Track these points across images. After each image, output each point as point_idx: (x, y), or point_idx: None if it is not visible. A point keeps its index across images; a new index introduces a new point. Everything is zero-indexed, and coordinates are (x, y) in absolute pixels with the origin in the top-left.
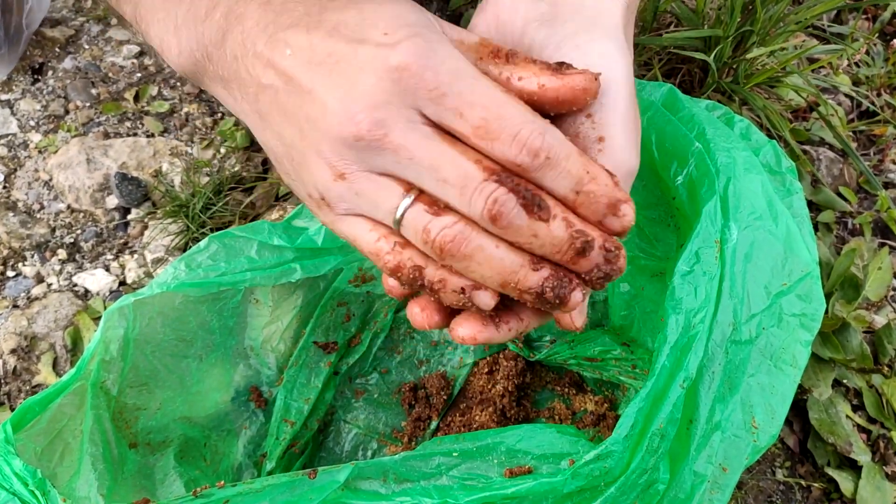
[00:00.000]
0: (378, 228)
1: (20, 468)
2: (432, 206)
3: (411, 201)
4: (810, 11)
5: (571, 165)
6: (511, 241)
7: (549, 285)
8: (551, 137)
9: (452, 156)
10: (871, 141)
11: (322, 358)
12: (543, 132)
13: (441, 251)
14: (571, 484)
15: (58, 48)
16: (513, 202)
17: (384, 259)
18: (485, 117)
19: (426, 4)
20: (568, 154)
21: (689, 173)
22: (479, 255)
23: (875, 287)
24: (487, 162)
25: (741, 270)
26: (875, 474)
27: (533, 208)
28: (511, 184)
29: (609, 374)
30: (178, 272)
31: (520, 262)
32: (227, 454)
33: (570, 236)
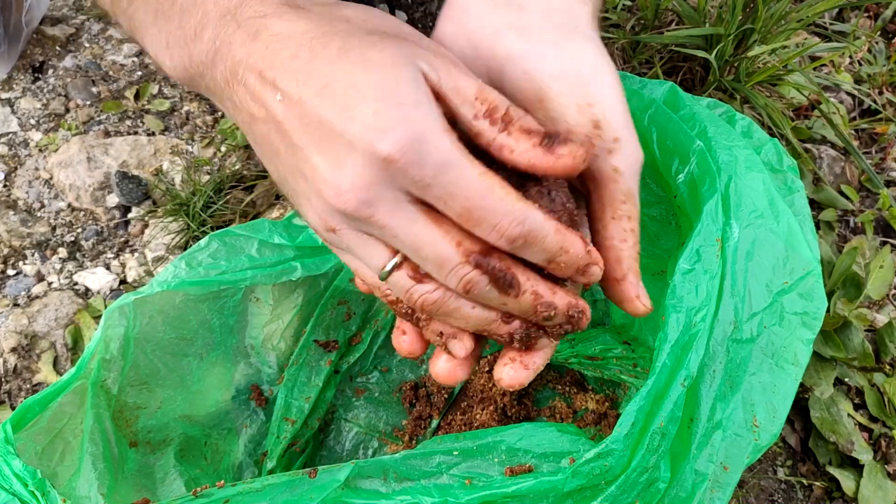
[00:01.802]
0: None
1: (20, 468)
2: (415, 271)
3: (394, 265)
4: (812, 9)
5: (548, 244)
6: (483, 304)
7: (518, 335)
8: (530, 224)
9: (433, 238)
10: (873, 139)
11: (323, 356)
12: (522, 221)
13: (422, 309)
14: (572, 482)
15: (58, 46)
16: (485, 282)
17: (384, 292)
18: (467, 207)
19: (427, 3)
20: (545, 235)
21: (691, 171)
22: (456, 313)
23: (877, 285)
24: (468, 244)
25: (742, 269)
26: (877, 473)
27: (504, 287)
28: (485, 266)
29: (610, 372)
30: (179, 271)
31: (492, 317)
32: (227, 453)
33: (535, 308)
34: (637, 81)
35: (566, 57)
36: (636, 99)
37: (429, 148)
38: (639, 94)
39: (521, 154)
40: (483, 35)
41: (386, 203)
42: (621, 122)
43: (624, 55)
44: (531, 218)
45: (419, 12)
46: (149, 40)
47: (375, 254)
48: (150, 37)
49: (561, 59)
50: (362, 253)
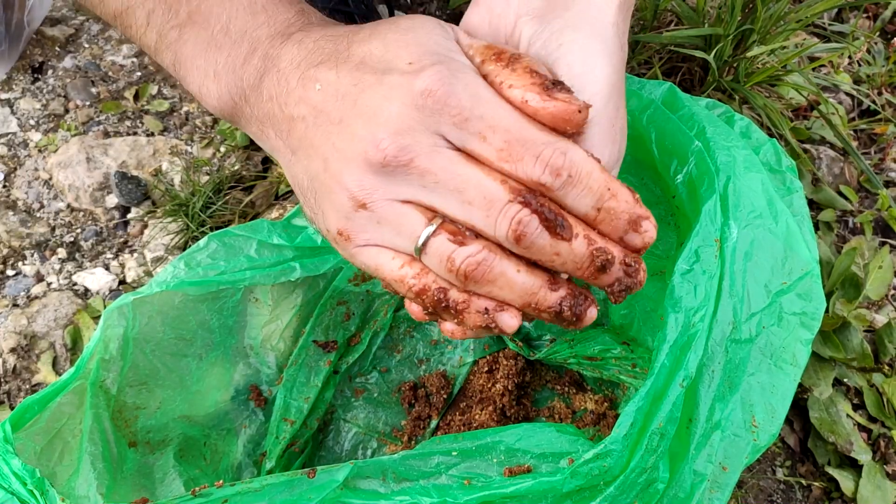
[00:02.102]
0: (400, 256)
1: (19, 467)
2: (456, 234)
3: (435, 229)
4: (811, 10)
5: (593, 182)
6: (533, 259)
7: (567, 304)
8: (573, 155)
9: (478, 178)
10: (872, 139)
11: (322, 357)
12: (565, 151)
13: (465, 278)
14: (571, 483)
15: (58, 47)
16: (536, 223)
17: (409, 283)
18: (508, 140)
19: (426, 4)
20: (590, 171)
21: (689, 172)
22: (500, 280)
23: (876, 286)
24: (512, 182)
25: (741, 269)
26: (876, 473)
27: (556, 228)
28: (535, 204)
29: (609, 373)
30: (178, 271)
31: (539, 283)
32: (226, 453)
33: (590, 254)
34: (636, 82)
35: (564, 47)
36: (635, 99)
37: (465, 82)
38: (637, 95)
39: (518, 90)
40: (505, 21)
41: (424, 147)
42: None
43: None
44: (573, 150)
45: (418, 13)
46: (194, 72)
47: (411, 221)
48: (196, 68)
49: (559, 49)
50: (396, 224)
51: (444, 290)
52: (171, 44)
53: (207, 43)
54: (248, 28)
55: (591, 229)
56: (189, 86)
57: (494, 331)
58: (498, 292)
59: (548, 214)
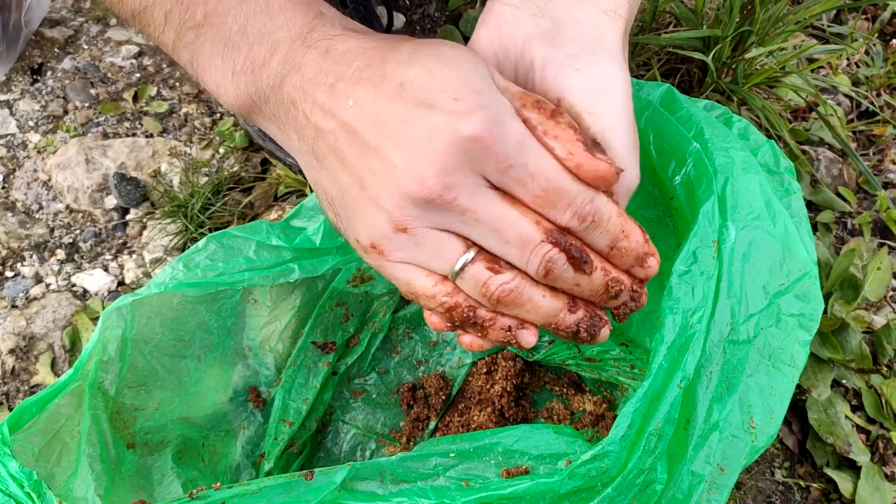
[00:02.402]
0: (433, 276)
1: (16, 470)
2: (491, 262)
3: (472, 257)
4: (809, 11)
5: (611, 227)
6: (556, 286)
7: (584, 325)
8: (598, 203)
9: (515, 218)
10: (871, 141)
11: (320, 358)
12: (592, 199)
13: (497, 301)
14: (568, 484)
15: (57, 48)
16: (563, 260)
17: (440, 300)
18: (545, 188)
19: (425, 4)
20: (609, 216)
21: (687, 173)
22: (528, 304)
23: (874, 287)
24: (545, 224)
25: (739, 270)
26: (874, 475)
27: (580, 264)
28: (564, 244)
29: (607, 374)
30: (177, 272)
31: (560, 306)
32: (225, 454)
33: (605, 284)
34: (634, 83)
35: (583, 71)
36: (633, 100)
37: (509, 129)
38: (636, 96)
39: (564, 143)
40: (515, 41)
41: (467, 187)
42: (620, 143)
43: None
44: (599, 198)
45: (417, 14)
46: (212, 72)
47: (449, 248)
48: (214, 68)
49: (578, 72)
50: (434, 249)
51: (474, 308)
52: (189, 44)
53: (224, 44)
54: (266, 30)
55: (606, 261)
56: (207, 84)
57: (513, 345)
58: (525, 315)
59: (574, 253)
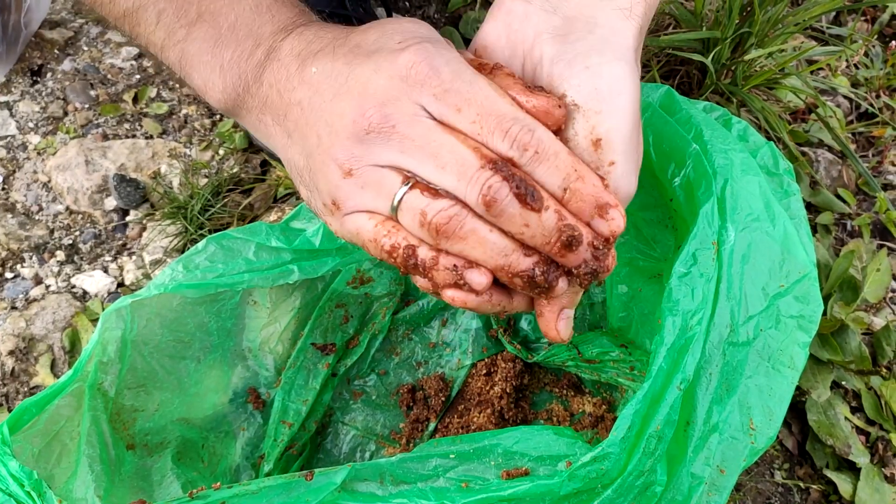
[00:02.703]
0: (376, 217)
1: (16, 469)
2: (429, 190)
3: (409, 187)
4: (809, 13)
5: (560, 162)
6: (504, 229)
7: (540, 269)
8: (540, 133)
9: (452, 144)
10: (870, 143)
11: (320, 359)
12: (532, 129)
13: (437, 232)
14: (568, 486)
15: (57, 50)
16: (506, 190)
17: (381, 243)
18: (480, 113)
19: (425, 5)
20: (556, 151)
21: (687, 175)
22: (472, 237)
23: (874, 289)
24: (485, 150)
25: (738, 272)
26: (874, 476)
27: (526, 198)
28: (505, 172)
29: (607, 375)
30: (176, 273)
31: (512, 246)
32: (224, 456)
33: (559, 228)
34: None
35: (592, 69)
36: None
37: (446, 58)
38: None
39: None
40: (524, 36)
41: (406, 116)
42: (621, 149)
43: None
44: (541, 130)
45: (417, 15)
46: (200, 69)
47: (389, 182)
48: (202, 65)
49: (586, 70)
50: (377, 186)
51: (413, 248)
52: (179, 42)
53: (216, 40)
54: (253, 25)
55: (562, 206)
56: (193, 81)
57: (464, 288)
58: (470, 251)
59: (518, 183)
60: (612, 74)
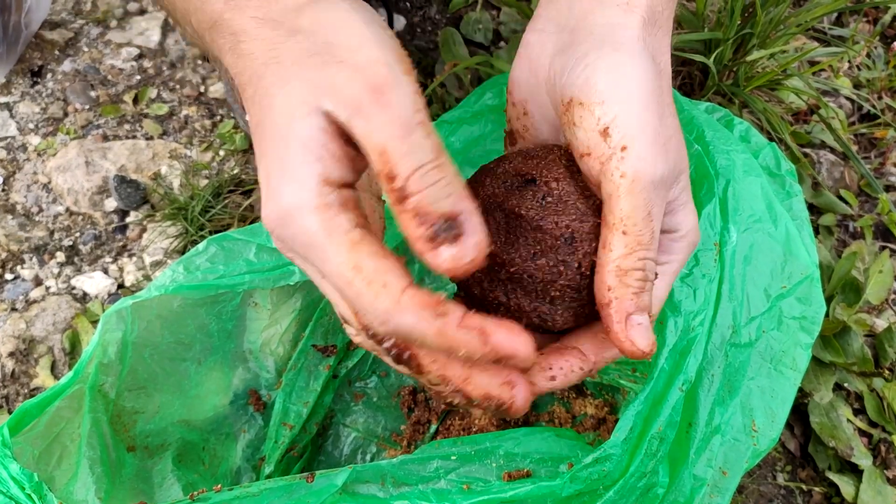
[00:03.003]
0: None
1: (17, 472)
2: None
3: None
4: (811, 14)
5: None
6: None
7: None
8: (397, 324)
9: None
10: (872, 144)
11: (321, 361)
12: (386, 321)
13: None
14: (570, 487)
15: (57, 51)
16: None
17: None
18: (339, 291)
19: (425, 6)
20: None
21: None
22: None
23: (876, 290)
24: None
25: (740, 273)
26: (876, 478)
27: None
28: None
29: (609, 377)
30: (177, 275)
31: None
32: (225, 458)
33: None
34: None
35: (592, 65)
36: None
37: (296, 228)
38: None
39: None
40: (540, 63)
41: (290, 253)
42: (633, 132)
43: None
44: (397, 319)
45: (418, 17)
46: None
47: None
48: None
49: (587, 68)
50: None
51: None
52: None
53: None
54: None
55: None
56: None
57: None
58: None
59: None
60: (608, 65)
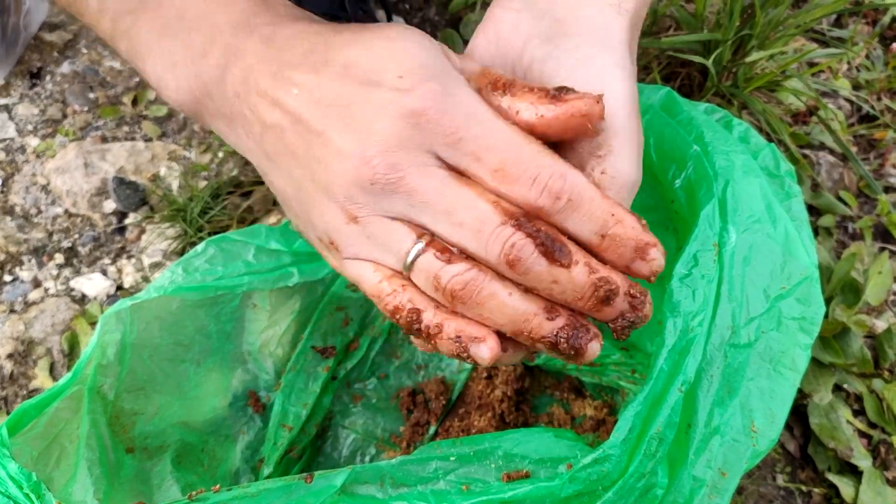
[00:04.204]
0: (381, 270)
1: (15, 471)
2: (444, 252)
3: (423, 247)
4: (810, 15)
5: (595, 208)
6: (530, 286)
7: (564, 335)
8: (573, 178)
9: (469, 199)
10: (872, 145)
11: (320, 363)
12: (565, 174)
13: (452, 297)
14: (569, 488)
15: (56, 52)
16: (531, 248)
17: (384, 301)
18: (503, 160)
19: (425, 7)
20: (592, 197)
21: (688, 176)
22: (490, 302)
23: (875, 291)
24: (506, 205)
25: (740, 274)
26: (876, 479)
27: (553, 254)
28: (530, 228)
29: (608, 378)
30: (176, 276)
31: (534, 309)
32: (224, 459)
33: (593, 283)
34: None
35: (582, 63)
36: None
37: (458, 100)
38: None
39: (527, 111)
40: (513, 44)
41: (415, 166)
42: (620, 135)
43: None
44: (574, 174)
45: (417, 18)
46: (150, 63)
47: (400, 238)
48: (152, 59)
49: (576, 65)
50: (386, 240)
51: (418, 312)
52: (126, 31)
53: (162, 30)
54: (204, 13)
55: (593, 257)
56: (147, 76)
57: (466, 360)
58: (488, 315)
59: (544, 239)
60: (603, 64)
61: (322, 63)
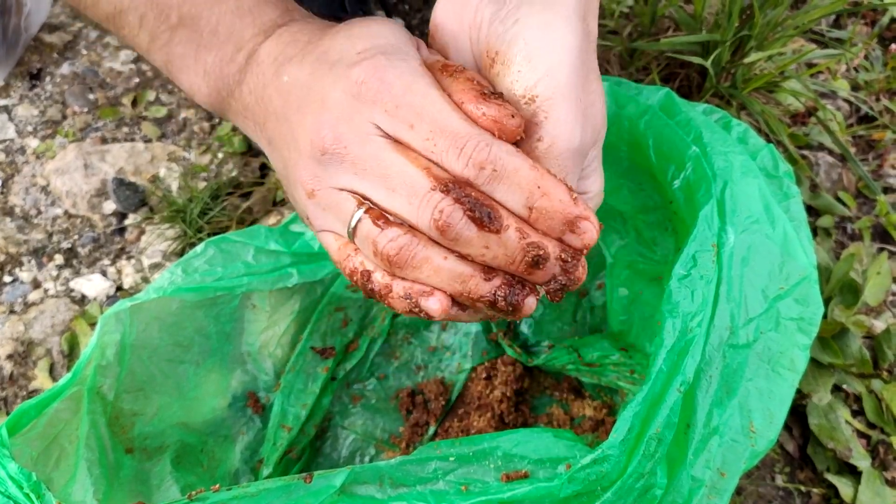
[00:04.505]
0: (340, 239)
1: (15, 471)
2: (380, 218)
3: (362, 214)
4: (809, 16)
5: (521, 179)
6: (464, 253)
7: (502, 294)
8: (497, 150)
9: (401, 165)
10: (870, 146)
11: (319, 363)
12: (489, 144)
13: (389, 262)
14: (568, 488)
15: (56, 53)
16: (459, 213)
17: (343, 266)
18: (433, 129)
19: (423, 8)
20: (516, 168)
21: (687, 177)
22: (426, 265)
23: (874, 292)
24: (437, 171)
25: (738, 274)
26: (875, 480)
27: (482, 220)
28: (458, 193)
29: (607, 379)
30: (175, 277)
31: (469, 271)
32: (224, 460)
33: (522, 248)
34: (633, 87)
35: (520, 22)
36: (632, 105)
37: (399, 72)
38: (635, 100)
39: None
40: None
41: (357, 136)
42: (555, 97)
43: (621, 62)
44: (498, 145)
45: (416, 19)
46: (186, 72)
47: (345, 206)
48: (187, 69)
49: (517, 23)
50: (335, 210)
51: (368, 273)
52: (163, 45)
53: (198, 45)
54: (234, 29)
55: (523, 221)
56: (181, 83)
57: (419, 314)
58: (426, 278)
59: (473, 205)
60: (541, 23)
61: (308, 53)
